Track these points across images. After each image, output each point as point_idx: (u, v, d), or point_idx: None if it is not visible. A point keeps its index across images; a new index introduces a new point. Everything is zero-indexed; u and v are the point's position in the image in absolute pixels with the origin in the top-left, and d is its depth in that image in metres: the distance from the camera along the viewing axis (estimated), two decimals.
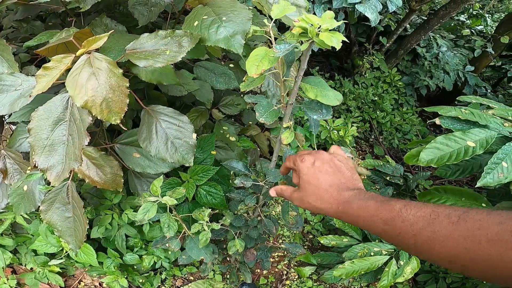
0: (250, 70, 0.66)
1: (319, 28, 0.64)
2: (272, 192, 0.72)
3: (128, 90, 0.74)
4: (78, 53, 0.75)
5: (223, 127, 1.52)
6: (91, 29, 1.01)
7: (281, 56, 0.80)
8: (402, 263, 1.72)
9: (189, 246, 1.12)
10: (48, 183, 1.14)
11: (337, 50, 0.62)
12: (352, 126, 2.89)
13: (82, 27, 1.11)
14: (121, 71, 0.74)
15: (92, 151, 1.03)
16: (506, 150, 1.11)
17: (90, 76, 0.73)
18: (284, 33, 0.76)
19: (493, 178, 1.08)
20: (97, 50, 0.89)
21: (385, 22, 3.57)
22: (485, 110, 1.35)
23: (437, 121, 1.19)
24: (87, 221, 1.07)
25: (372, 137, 3.42)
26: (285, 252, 2.33)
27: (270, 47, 0.72)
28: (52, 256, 1.57)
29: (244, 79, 0.78)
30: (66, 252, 1.50)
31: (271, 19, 0.77)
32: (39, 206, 1.06)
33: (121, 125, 0.79)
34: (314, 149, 0.75)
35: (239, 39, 0.74)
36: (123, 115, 0.77)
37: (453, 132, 1.13)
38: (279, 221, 1.40)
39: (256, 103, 0.75)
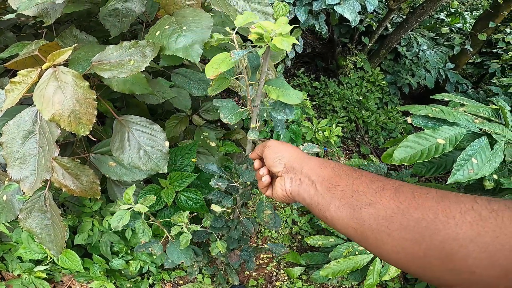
0: (208, 72, 0.68)
1: (274, 32, 0.66)
2: (252, 155, 0.74)
3: (96, 102, 0.75)
4: (43, 67, 0.75)
5: (204, 133, 1.53)
6: (61, 40, 1.02)
7: (246, 62, 0.81)
8: None
9: (169, 250, 1.13)
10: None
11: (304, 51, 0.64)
12: (337, 126, 2.93)
13: (54, 38, 1.12)
14: (87, 83, 0.74)
15: (67, 161, 1.04)
16: (476, 146, 1.14)
17: (56, 89, 0.74)
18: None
19: (463, 175, 1.11)
20: (66, 62, 0.90)
21: (367, 22, 3.62)
22: (457, 107, 1.38)
23: (409, 119, 1.21)
24: (66, 228, 1.10)
25: (358, 136, 3.46)
26: (274, 254, 2.34)
27: None
28: (38, 262, 1.60)
29: (211, 83, 0.79)
30: (51, 258, 1.52)
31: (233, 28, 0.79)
32: (18, 215, 1.09)
33: (90, 136, 0.80)
34: None
35: (197, 48, 0.75)
36: (91, 126, 0.78)
37: (424, 130, 1.16)
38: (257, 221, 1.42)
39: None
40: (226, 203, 1.05)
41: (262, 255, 2.38)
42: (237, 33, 0.74)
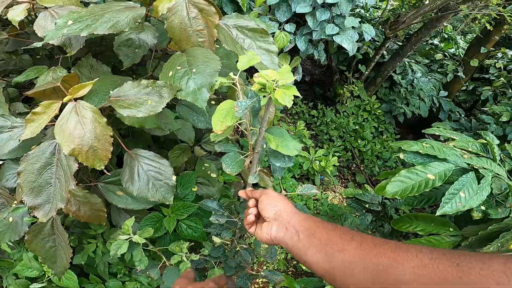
0: (215, 126, 0.72)
1: (276, 83, 0.70)
2: (242, 193, 0.81)
3: (112, 139, 0.82)
4: (65, 99, 0.81)
5: (205, 164, 1.58)
6: (78, 69, 1.08)
7: (247, 108, 0.86)
8: None
9: (166, 276, 1.17)
10: (34, 216, 1.21)
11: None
12: (333, 156, 3.00)
13: (69, 63, 1.18)
14: (105, 120, 0.81)
15: (76, 189, 1.09)
16: (463, 181, 1.21)
17: (77, 124, 0.80)
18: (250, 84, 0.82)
19: (451, 207, 1.17)
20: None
21: (364, 49, 3.76)
22: (447, 142, 1.46)
23: (401, 156, 1.29)
24: (71, 250, 1.14)
25: (354, 165, 3.53)
26: (269, 281, 2.36)
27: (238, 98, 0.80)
28: (33, 280, 1.61)
29: (226, 126, 0.82)
30: (48, 276, 1.54)
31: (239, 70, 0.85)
32: (23, 235, 1.13)
33: (105, 171, 0.86)
34: (281, 191, 0.84)
35: (205, 92, 0.80)
36: (107, 161, 0.84)
37: (415, 165, 1.23)
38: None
39: (224, 153, 0.83)
40: (226, 235, 1.10)
41: (258, 280, 2.38)
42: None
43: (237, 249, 1.22)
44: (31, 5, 1.09)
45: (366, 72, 3.71)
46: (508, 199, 1.38)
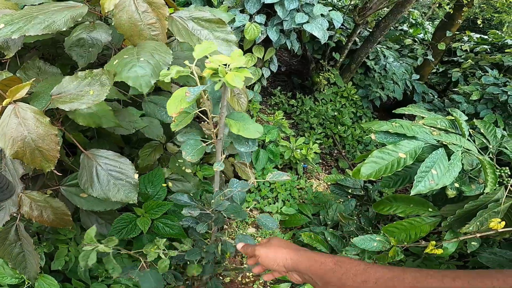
0: (170, 109, 0.70)
1: (228, 67, 0.67)
2: (239, 246, 0.85)
3: (58, 138, 0.77)
4: (4, 103, 0.76)
5: (179, 160, 1.55)
6: (24, 72, 1.03)
7: (206, 95, 0.84)
8: None
9: (143, 279, 1.13)
10: None
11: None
12: (314, 143, 2.99)
13: (18, 67, 1.12)
14: (48, 119, 0.76)
15: (36, 194, 1.04)
16: (434, 158, 1.20)
17: (18, 126, 0.75)
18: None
19: (424, 186, 1.16)
20: (29, 95, 0.91)
21: (337, 37, 3.76)
22: (417, 120, 1.46)
23: (373, 136, 1.27)
24: (39, 256, 1.16)
25: (336, 151, 3.54)
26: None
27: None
28: (15, 287, 1.56)
29: (173, 119, 0.81)
30: (29, 283, 1.50)
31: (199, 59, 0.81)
32: None
33: (55, 172, 0.81)
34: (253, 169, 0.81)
35: (147, 79, 0.77)
36: (56, 162, 0.79)
37: (386, 145, 1.22)
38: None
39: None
40: (201, 229, 1.06)
41: (248, 274, 2.36)
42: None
43: (218, 242, 1.19)
44: None
45: (341, 60, 3.72)
46: (480, 174, 1.39)
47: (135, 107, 1.40)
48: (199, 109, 0.83)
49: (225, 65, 0.69)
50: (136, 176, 0.98)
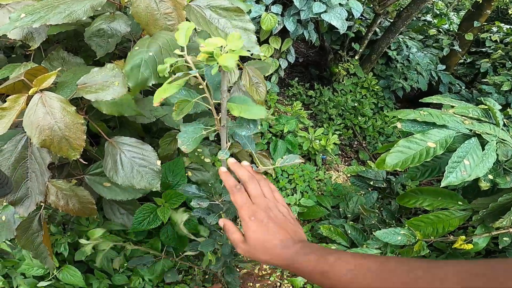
0: (156, 99, 0.66)
1: (223, 49, 0.62)
2: (221, 222, 0.71)
3: (84, 127, 0.77)
4: (30, 92, 0.77)
5: (198, 150, 1.54)
6: (49, 63, 1.03)
7: (205, 81, 0.75)
8: None
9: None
10: None
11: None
12: (333, 134, 2.94)
13: (43, 59, 1.14)
14: (74, 108, 0.76)
15: (62, 183, 1.05)
16: (466, 148, 1.14)
17: (45, 115, 0.75)
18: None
19: (456, 177, 1.11)
20: (54, 85, 0.91)
21: (356, 28, 3.66)
22: (446, 109, 1.39)
23: (398, 125, 1.22)
24: (49, 245, 1.17)
25: (356, 142, 3.47)
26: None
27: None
28: (41, 278, 1.61)
29: (173, 108, 0.74)
30: (54, 274, 1.54)
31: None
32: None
33: (81, 160, 0.81)
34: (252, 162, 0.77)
35: (146, 76, 0.75)
36: (82, 150, 0.79)
37: (414, 134, 1.17)
38: None
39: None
40: (211, 220, 1.05)
41: (265, 266, 2.36)
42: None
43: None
44: None
45: (360, 50, 3.62)
46: None
47: (153, 94, 1.40)
48: (200, 95, 0.76)
49: (221, 47, 0.63)
50: (159, 162, 0.98)
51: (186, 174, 1.45)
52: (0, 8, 1.04)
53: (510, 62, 3.30)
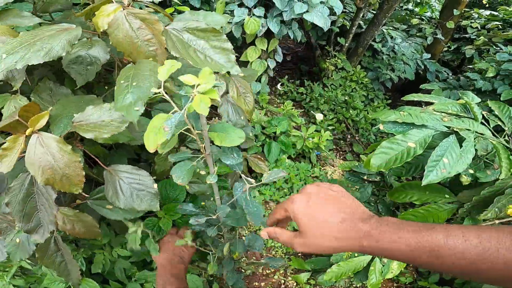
0: (148, 145, 0.68)
1: (196, 88, 0.63)
2: (264, 235, 0.62)
3: (81, 164, 0.83)
4: (27, 133, 0.82)
5: (192, 164, 1.60)
6: (37, 95, 1.05)
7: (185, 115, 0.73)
8: (385, 260, 1.79)
9: None
10: None
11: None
12: (326, 130, 3.00)
13: (29, 89, 1.14)
14: (70, 147, 0.82)
15: (67, 210, 1.12)
16: (444, 146, 1.21)
17: (44, 156, 0.81)
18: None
19: (436, 175, 1.17)
20: (47, 122, 0.96)
21: (340, 22, 3.70)
22: (426, 107, 1.45)
23: (381, 126, 1.28)
24: (78, 264, 1.30)
25: (349, 136, 3.53)
26: (271, 267, 2.43)
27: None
28: None
29: (158, 144, 0.73)
30: None
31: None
32: (32, 253, 1.19)
33: (83, 194, 0.87)
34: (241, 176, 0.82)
35: (140, 106, 0.75)
36: (82, 185, 0.85)
37: (395, 135, 1.23)
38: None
39: (177, 162, 0.81)
40: (211, 232, 1.12)
41: (268, 266, 2.44)
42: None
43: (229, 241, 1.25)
44: None
45: (346, 44, 3.67)
46: (495, 159, 1.36)
47: (145, 115, 1.45)
48: (183, 128, 0.78)
49: (194, 86, 0.65)
50: (156, 186, 1.05)
51: (184, 188, 1.52)
52: None
53: (494, 47, 3.35)
